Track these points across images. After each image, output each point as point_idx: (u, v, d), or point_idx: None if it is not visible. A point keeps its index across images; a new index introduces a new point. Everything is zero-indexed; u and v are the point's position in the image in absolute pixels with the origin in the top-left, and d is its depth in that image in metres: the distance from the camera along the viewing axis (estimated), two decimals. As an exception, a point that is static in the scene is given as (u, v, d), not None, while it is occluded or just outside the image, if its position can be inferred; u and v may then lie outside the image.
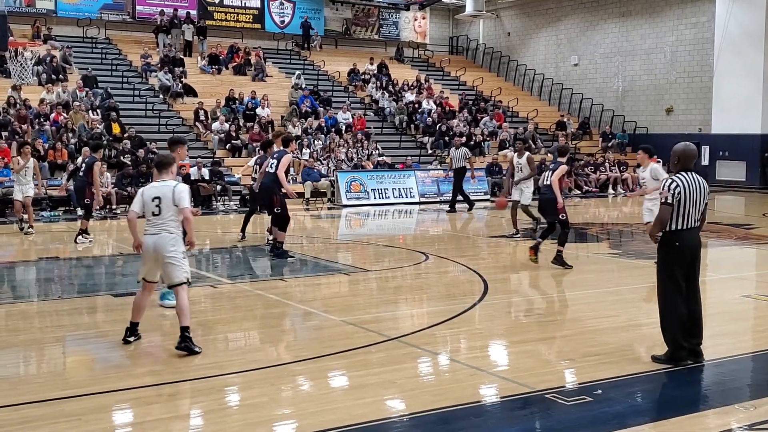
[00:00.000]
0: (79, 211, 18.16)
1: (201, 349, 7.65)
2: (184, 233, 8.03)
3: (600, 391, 6.59)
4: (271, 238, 14.30)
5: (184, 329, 7.66)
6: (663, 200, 7.19)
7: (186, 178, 22.45)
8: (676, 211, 7.16)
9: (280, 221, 13.71)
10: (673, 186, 7.15)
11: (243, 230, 15.83)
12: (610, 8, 36.03)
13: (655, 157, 12.82)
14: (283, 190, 13.52)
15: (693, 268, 7.30)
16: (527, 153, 16.42)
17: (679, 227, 7.18)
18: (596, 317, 9.34)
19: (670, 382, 7.01)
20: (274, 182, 13.32)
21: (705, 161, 31.72)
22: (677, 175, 7.24)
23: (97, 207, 16.69)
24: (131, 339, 8.05)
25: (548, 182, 12.54)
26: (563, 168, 12.67)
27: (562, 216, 12.53)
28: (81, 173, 15.99)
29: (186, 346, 7.61)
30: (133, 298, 8.36)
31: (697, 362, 7.27)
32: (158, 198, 7.83)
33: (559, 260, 12.46)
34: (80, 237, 15.51)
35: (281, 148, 13.93)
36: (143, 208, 7.92)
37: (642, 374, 7.05)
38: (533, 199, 15.70)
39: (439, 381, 7.12)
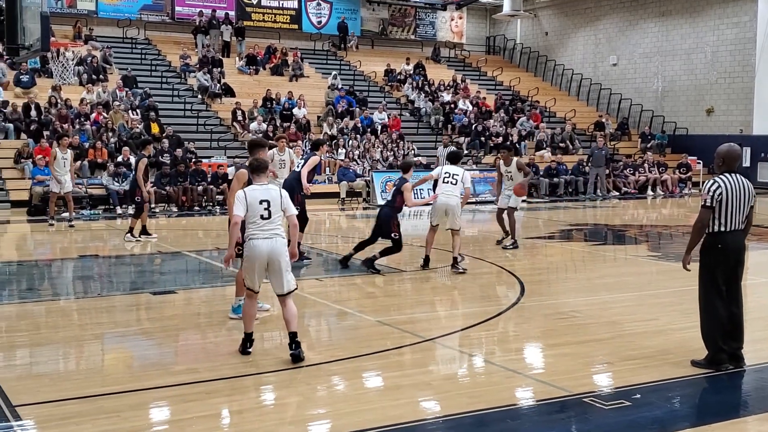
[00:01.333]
0: (130, 210, 18.57)
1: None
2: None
3: (639, 396, 6.52)
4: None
5: (293, 335, 7.41)
6: (703, 203, 7.10)
7: (224, 178, 22.77)
8: (718, 213, 7.06)
9: (299, 221, 13.40)
10: (714, 188, 7.05)
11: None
12: (649, 8, 35.66)
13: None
14: (304, 190, 13.12)
15: (735, 271, 7.19)
16: (515, 159, 15.72)
17: (722, 229, 7.08)
18: (635, 320, 9.25)
19: (711, 387, 6.93)
20: (297, 181, 13.05)
21: (746, 163, 31.28)
22: (720, 176, 7.15)
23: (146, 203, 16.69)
24: (250, 349, 7.66)
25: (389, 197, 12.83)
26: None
27: (395, 235, 12.28)
28: (133, 171, 16.50)
29: (299, 353, 7.34)
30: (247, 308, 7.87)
31: (738, 367, 7.17)
32: (267, 201, 7.44)
33: (369, 263, 12.29)
34: (128, 235, 15.69)
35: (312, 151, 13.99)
36: (247, 212, 7.44)
37: (682, 378, 6.98)
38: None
39: (474, 383, 7.09)
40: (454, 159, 13.40)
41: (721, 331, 7.14)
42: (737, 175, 7.17)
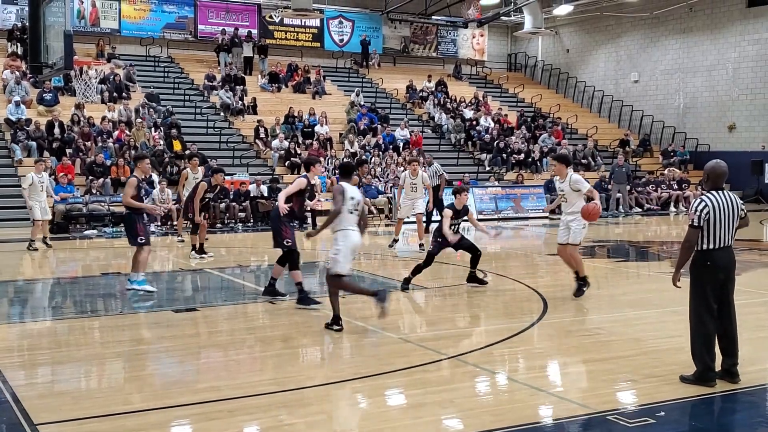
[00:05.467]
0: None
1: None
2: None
3: (663, 413, 6.44)
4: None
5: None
6: (690, 222, 7.10)
7: (246, 195, 22.84)
8: (706, 231, 7.07)
9: (288, 256, 11.28)
10: (701, 207, 7.06)
11: None
12: (670, 25, 35.56)
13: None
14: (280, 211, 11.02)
15: (726, 287, 7.18)
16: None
17: (711, 246, 7.09)
18: (658, 337, 9.16)
19: (735, 404, 6.84)
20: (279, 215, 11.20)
21: (768, 179, 31.14)
22: (707, 195, 7.15)
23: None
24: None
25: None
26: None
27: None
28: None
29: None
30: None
31: (733, 382, 7.11)
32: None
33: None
34: (192, 252, 15.77)
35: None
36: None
37: (706, 396, 6.89)
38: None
39: (497, 401, 7.03)
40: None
41: (708, 348, 7.10)
42: (724, 191, 7.18)
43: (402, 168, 24.84)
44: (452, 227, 12.31)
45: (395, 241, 17.75)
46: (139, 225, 12.11)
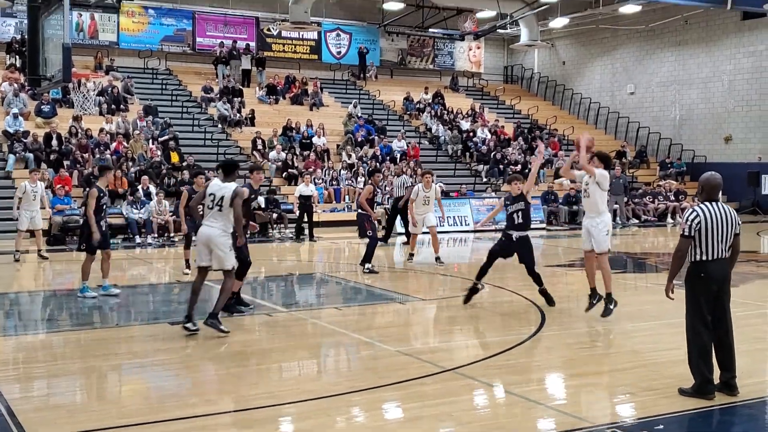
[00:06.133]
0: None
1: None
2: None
3: (661, 426, 6.42)
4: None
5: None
6: (681, 232, 7.13)
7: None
8: (699, 242, 7.09)
9: (241, 267, 10.84)
10: (692, 217, 7.09)
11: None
12: (666, 37, 35.67)
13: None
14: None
15: (720, 300, 7.17)
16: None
17: (704, 258, 7.10)
18: (657, 349, 9.13)
19: (734, 417, 6.82)
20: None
21: (766, 191, 31.15)
22: (699, 205, 7.17)
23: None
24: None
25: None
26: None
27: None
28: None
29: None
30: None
31: (732, 395, 7.08)
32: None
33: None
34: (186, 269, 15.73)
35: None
36: None
37: (705, 409, 6.86)
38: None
39: (495, 414, 7.01)
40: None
41: (705, 360, 7.09)
42: (719, 203, 7.19)
43: (395, 177, 24.68)
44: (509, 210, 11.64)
45: (412, 255, 17.46)
46: (90, 234, 12.32)
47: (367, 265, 15.28)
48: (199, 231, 9.95)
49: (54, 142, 24.69)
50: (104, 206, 12.61)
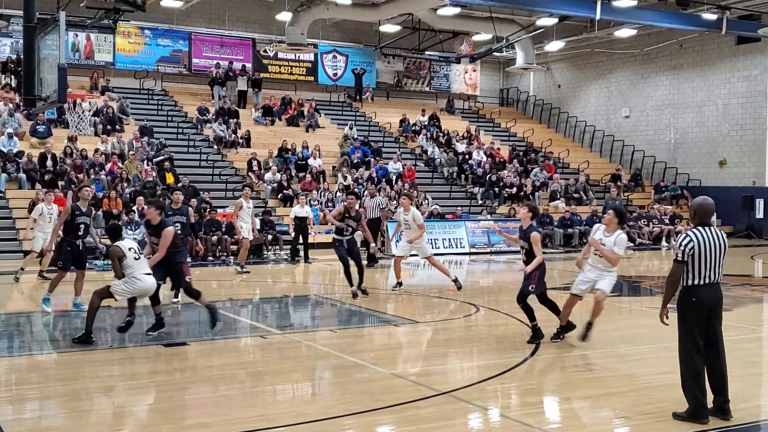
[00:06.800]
0: None
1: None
2: None
3: (657, 452, 6.40)
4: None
5: None
6: (675, 257, 7.16)
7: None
8: (691, 266, 7.12)
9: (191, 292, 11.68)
10: (685, 242, 7.11)
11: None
12: (660, 61, 35.88)
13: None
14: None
15: (713, 324, 7.18)
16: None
17: (696, 282, 7.12)
18: (651, 373, 9.12)
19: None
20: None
21: (760, 215, 31.23)
22: (692, 230, 7.19)
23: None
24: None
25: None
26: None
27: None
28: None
29: None
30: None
31: (725, 419, 7.08)
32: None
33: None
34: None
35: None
36: None
37: (700, 434, 6.85)
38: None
39: (490, 438, 6.98)
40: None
41: (698, 384, 7.09)
42: (711, 228, 7.21)
43: (368, 198, 24.47)
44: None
45: (399, 284, 16.22)
46: (64, 252, 13.17)
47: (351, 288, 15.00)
48: (140, 282, 11.04)
49: (49, 163, 24.69)
50: (81, 225, 13.13)
